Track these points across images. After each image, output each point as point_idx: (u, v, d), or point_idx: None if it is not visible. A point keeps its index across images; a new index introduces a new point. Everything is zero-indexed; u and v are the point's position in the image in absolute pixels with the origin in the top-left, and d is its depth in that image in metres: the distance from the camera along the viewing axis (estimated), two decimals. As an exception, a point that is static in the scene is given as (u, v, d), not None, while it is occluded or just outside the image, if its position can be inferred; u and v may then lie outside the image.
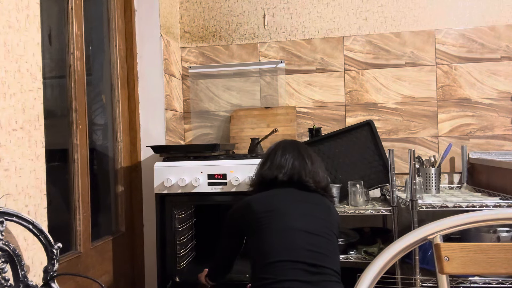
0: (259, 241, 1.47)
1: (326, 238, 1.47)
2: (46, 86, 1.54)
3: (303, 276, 1.38)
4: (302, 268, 1.38)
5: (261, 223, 1.48)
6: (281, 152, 1.63)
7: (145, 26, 2.42)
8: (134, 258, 2.34)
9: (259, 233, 1.47)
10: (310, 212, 1.52)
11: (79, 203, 1.84)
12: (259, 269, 1.44)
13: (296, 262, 1.39)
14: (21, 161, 1.32)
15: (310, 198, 1.57)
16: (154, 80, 2.42)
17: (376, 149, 2.34)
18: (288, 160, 1.60)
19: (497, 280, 1.89)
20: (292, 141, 1.72)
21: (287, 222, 1.47)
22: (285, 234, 1.44)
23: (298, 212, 1.50)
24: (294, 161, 1.60)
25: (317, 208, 1.55)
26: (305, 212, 1.52)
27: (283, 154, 1.62)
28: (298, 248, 1.42)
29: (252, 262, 1.49)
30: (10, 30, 1.30)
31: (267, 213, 1.49)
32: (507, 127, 2.51)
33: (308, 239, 1.44)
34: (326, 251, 1.45)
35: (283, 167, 1.59)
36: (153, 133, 2.40)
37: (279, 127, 2.56)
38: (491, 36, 2.53)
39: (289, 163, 1.59)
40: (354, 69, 2.63)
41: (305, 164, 1.60)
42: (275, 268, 1.39)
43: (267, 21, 2.72)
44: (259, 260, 1.44)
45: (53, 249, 1.22)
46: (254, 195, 1.60)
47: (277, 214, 1.49)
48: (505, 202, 1.90)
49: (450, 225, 0.90)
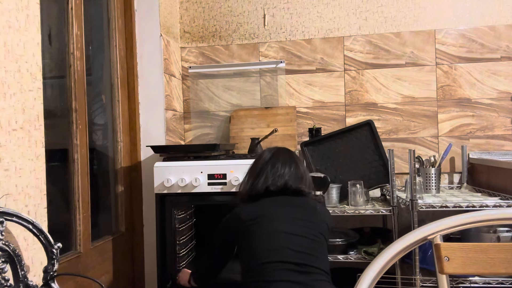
0: (247, 246, 1.51)
1: (313, 240, 1.50)
2: (46, 86, 1.54)
3: (291, 276, 1.40)
4: (290, 268, 1.41)
5: (249, 230, 1.52)
6: (270, 164, 1.63)
7: (145, 26, 2.42)
8: (134, 258, 2.34)
9: (247, 239, 1.51)
10: (296, 215, 1.54)
11: (79, 203, 1.84)
12: (248, 272, 1.48)
13: (283, 262, 1.42)
14: (21, 161, 1.32)
15: (296, 201, 1.60)
16: (154, 80, 2.42)
17: (376, 149, 2.34)
18: (276, 170, 1.61)
19: (497, 280, 1.89)
20: (276, 149, 1.72)
21: (273, 226, 1.50)
22: (271, 237, 1.48)
23: (284, 217, 1.53)
24: (281, 171, 1.61)
25: (303, 212, 1.57)
26: (291, 215, 1.54)
27: (273, 166, 1.62)
28: (284, 249, 1.44)
29: (241, 267, 1.52)
30: (10, 30, 1.30)
31: (254, 220, 1.52)
32: (507, 127, 2.51)
33: (294, 240, 1.47)
34: (313, 251, 1.47)
35: (270, 178, 1.60)
36: (153, 133, 2.40)
37: (279, 127, 2.56)
38: (491, 36, 2.53)
39: (277, 172, 1.60)
40: (354, 69, 2.63)
41: (291, 170, 1.61)
42: (263, 270, 1.42)
43: (267, 21, 2.72)
44: (247, 263, 1.48)
45: (53, 249, 1.22)
46: (243, 206, 1.62)
47: (264, 220, 1.52)
48: (505, 202, 1.90)
49: (450, 225, 0.90)
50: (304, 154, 2.46)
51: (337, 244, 2.13)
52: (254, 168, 1.67)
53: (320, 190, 2.12)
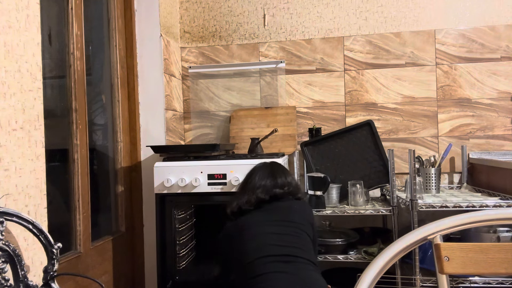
0: (238, 250, 1.64)
1: (294, 236, 1.64)
2: (46, 86, 1.54)
3: (279, 267, 1.52)
4: (277, 260, 1.54)
5: (239, 238, 1.66)
6: (256, 178, 1.79)
7: (145, 26, 2.42)
8: (134, 258, 2.34)
9: (238, 243, 1.65)
10: (279, 218, 1.69)
11: (79, 203, 1.84)
12: (239, 272, 1.61)
13: (267, 256, 1.55)
14: (21, 161, 1.32)
15: (279, 205, 1.74)
16: (154, 80, 2.42)
17: (376, 149, 2.34)
18: (261, 182, 1.77)
19: (497, 280, 1.89)
20: (263, 164, 1.88)
21: (259, 229, 1.65)
22: (257, 238, 1.62)
23: (269, 220, 1.68)
24: (266, 182, 1.77)
25: (281, 214, 1.71)
26: (275, 219, 1.69)
27: (259, 180, 1.78)
28: (269, 245, 1.59)
29: (234, 270, 1.68)
30: (10, 30, 1.30)
31: (242, 230, 1.67)
32: (507, 127, 2.51)
33: (278, 238, 1.62)
34: (298, 245, 1.61)
35: (256, 190, 1.75)
36: (153, 133, 2.40)
37: (279, 127, 2.56)
38: (491, 36, 2.53)
39: (262, 184, 1.76)
40: (354, 69, 2.63)
41: (275, 180, 1.77)
42: (252, 267, 1.54)
43: (267, 21, 2.72)
44: (238, 265, 1.61)
45: (53, 249, 1.22)
46: (233, 222, 1.74)
47: (251, 227, 1.67)
48: (505, 202, 1.90)
49: (450, 225, 0.90)
50: (304, 154, 2.46)
51: (337, 244, 2.13)
52: (242, 186, 1.84)
53: (320, 190, 2.12)
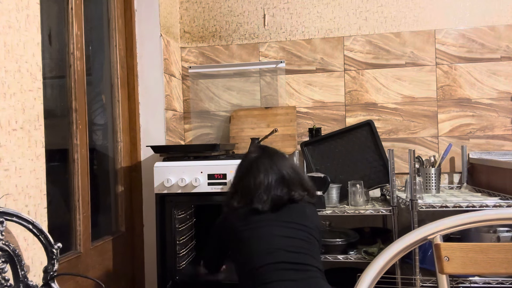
0: (242, 252, 1.52)
1: (305, 241, 1.52)
2: (46, 86, 1.54)
3: (287, 275, 1.42)
4: (285, 267, 1.43)
5: (243, 235, 1.53)
6: (260, 176, 1.59)
7: (145, 26, 2.42)
8: (134, 258, 2.34)
9: (242, 244, 1.52)
10: (287, 219, 1.55)
11: (79, 203, 1.84)
12: (245, 277, 1.50)
13: (278, 263, 1.44)
14: (21, 161, 1.32)
15: (293, 206, 1.59)
16: (154, 80, 2.42)
17: (376, 149, 2.34)
18: (265, 183, 1.57)
19: (497, 280, 1.89)
20: (282, 155, 1.68)
21: (266, 231, 1.52)
22: (264, 241, 1.50)
23: (277, 221, 1.54)
24: (271, 182, 1.57)
25: (294, 216, 1.57)
26: (283, 220, 1.55)
27: (263, 179, 1.58)
28: (277, 250, 1.46)
29: (238, 272, 1.54)
30: (10, 30, 1.30)
31: (246, 227, 1.54)
32: (507, 127, 2.51)
33: (286, 242, 1.49)
34: (306, 251, 1.49)
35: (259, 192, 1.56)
36: (153, 133, 2.40)
37: (279, 127, 2.56)
38: (491, 36, 2.52)
39: (266, 184, 1.56)
40: (354, 69, 2.63)
41: (281, 181, 1.59)
42: (260, 273, 1.43)
43: (267, 21, 2.72)
44: (244, 268, 1.50)
45: (53, 249, 1.22)
46: (233, 212, 1.60)
47: (257, 227, 1.53)
48: (505, 202, 1.90)
49: (450, 225, 0.90)
50: (304, 154, 2.46)
51: (337, 244, 2.13)
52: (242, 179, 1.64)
53: (320, 190, 2.12)
